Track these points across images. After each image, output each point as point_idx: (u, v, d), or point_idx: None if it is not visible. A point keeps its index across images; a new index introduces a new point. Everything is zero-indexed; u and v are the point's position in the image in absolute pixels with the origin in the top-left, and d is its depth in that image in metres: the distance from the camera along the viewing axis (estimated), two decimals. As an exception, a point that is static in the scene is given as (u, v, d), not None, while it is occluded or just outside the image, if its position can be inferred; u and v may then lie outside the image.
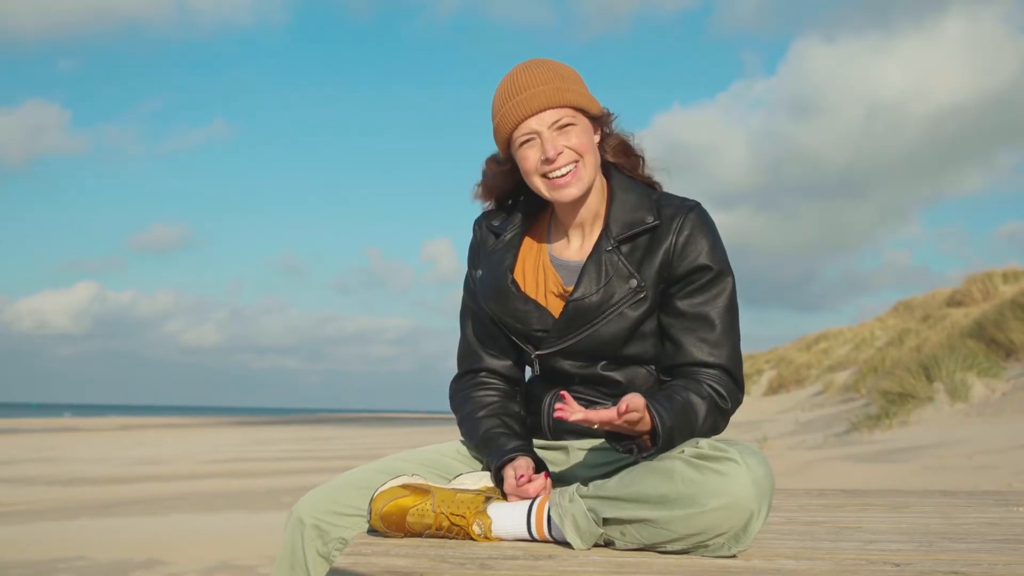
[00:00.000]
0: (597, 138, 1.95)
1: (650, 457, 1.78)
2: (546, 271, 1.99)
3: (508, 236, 2.02)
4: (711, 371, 1.88)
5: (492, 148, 2.04)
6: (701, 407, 1.83)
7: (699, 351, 1.88)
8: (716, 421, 1.87)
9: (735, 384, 1.90)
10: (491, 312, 2.00)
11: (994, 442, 8.42)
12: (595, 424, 1.69)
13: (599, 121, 1.95)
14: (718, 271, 1.89)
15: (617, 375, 1.94)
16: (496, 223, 2.05)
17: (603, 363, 1.94)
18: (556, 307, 1.96)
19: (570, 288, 1.94)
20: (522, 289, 1.98)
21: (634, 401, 1.68)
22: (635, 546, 1.77)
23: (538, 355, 1.98)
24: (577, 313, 1.91)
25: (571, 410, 1.68)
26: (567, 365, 1.97)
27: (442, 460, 2.06)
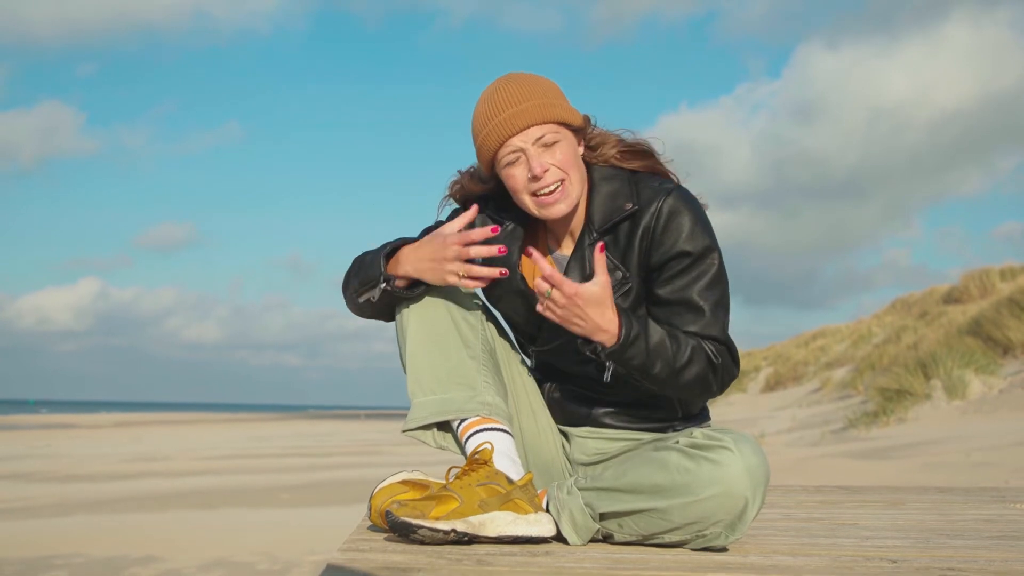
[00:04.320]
0: (581, 150, 1.92)
1: (615, 354, 1.76)
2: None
3: (510, 227, 1.98)
4: (704, 340, 1.86)
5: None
6: (685, 344, 1.81)
7: (689, 327, 1.86)
8: (705, 372, 1.83)
9: (730, 355, 1.87)
10: (494, 305, 2.01)
11: (991, 439, 8.43)
12: (546, 290, 1.74)
13: (581, 132, 1.92)
14: (698, 254, 1.85)
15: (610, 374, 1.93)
16: (490, 210, 2.00)
17: (595, 364, 1.90)
18: None
19: None
20: (529, 285, 1.97)
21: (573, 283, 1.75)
22: (633, 538, 1.77)
23: (534, 351, 2.00)
24: None
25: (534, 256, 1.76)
26: (562, 363, 1.98)
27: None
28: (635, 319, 1.79)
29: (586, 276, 1.88)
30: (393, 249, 1.89)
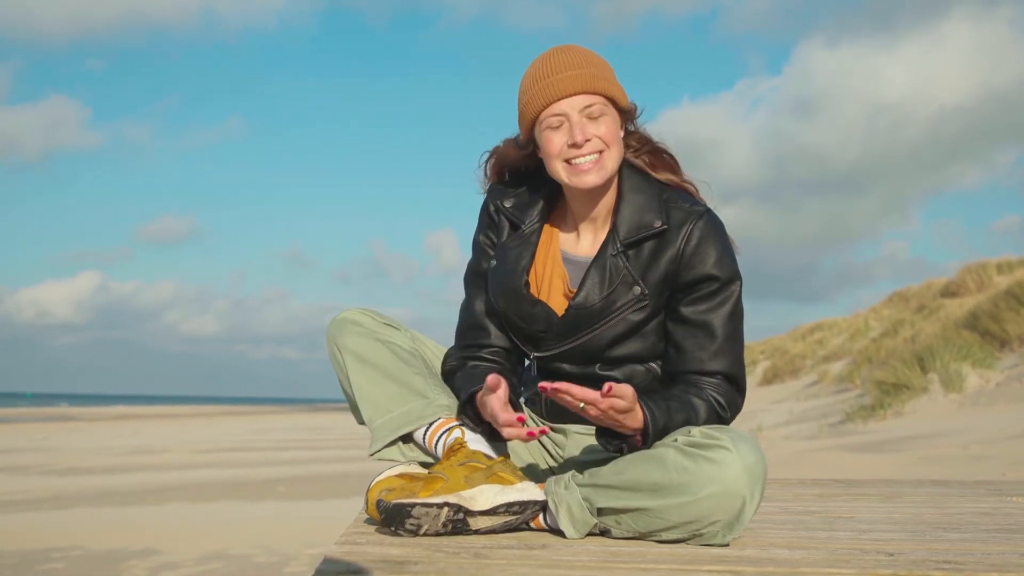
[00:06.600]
0: (622, 133, 1.92)
1: (644, 447, 1.78)
2: (555, 266, 1.98)
3: (527, 231, 1.99)
4: (712, 379, 1.87)
5: (495, 137, 2.03)
6: (701, 409, 1.83)
7: (701, 358, 1.87)
8: (714, 421, 1.86)
9: (736, 391, 1.90)
10: (499, 308, 2.00)
11: (988, 432, 8.44)
12: (580, 403, 1.67)
13: (626, 115, 1.92)
14: (725, 280, 1.87)
15: (615, 373, 1.94)
16: (509, 204, 2.01)
17: (600, 364, 1.94)
18: (560, 307, 1.95)
19: (575, 290, 1.94)
20: (533, 290, 1.96)
21: (621, 388, 1.67)
22: (630, 535, 1.77)
23: (536, 356, 1.99)
24: (578, 318, 1.91)
25: (555, 387, 1.67)
26: (564, 366, 1.98)
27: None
28: (656, 409, 1.76)
29: (605, 290, 1.88)
30: (470, 397, 1.89)
